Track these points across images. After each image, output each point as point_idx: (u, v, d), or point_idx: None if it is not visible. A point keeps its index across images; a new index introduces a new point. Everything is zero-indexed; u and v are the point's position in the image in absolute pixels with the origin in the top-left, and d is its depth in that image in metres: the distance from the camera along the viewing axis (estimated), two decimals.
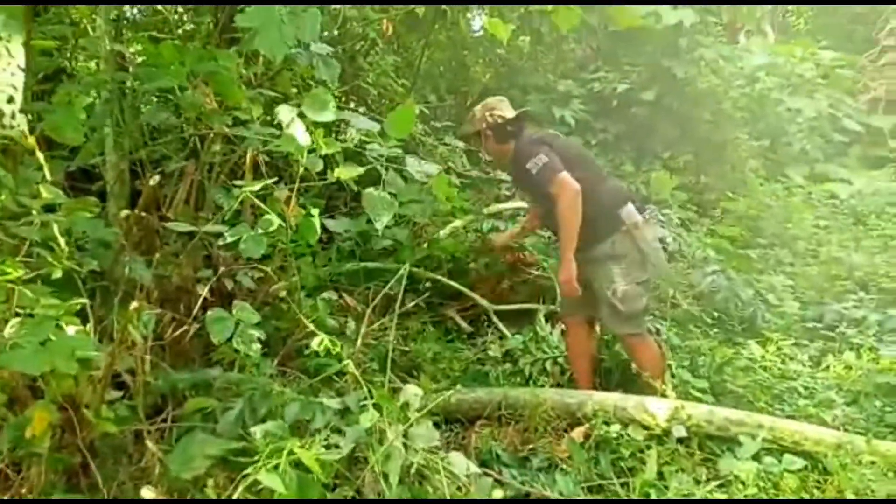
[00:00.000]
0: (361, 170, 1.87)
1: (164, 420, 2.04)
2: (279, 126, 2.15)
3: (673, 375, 3.01)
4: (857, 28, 11.60)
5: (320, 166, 1.86)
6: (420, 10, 4.01)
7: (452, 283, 4.05)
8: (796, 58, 7.28)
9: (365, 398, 2.02)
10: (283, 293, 2.89)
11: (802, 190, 7.20)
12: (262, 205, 1.90)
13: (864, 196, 6.97)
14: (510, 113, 3.05)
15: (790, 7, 8.92)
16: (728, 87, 6.07)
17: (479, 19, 6.29)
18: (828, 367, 3.35)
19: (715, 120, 5.84)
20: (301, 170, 1.82)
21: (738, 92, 6.21)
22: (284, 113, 1.77)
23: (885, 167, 7.48)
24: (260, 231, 2.00)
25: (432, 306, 3.87)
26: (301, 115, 1.74)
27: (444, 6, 4.17)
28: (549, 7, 3.13)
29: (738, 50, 6.76)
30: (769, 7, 7.71)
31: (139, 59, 2.75)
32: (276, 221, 2.11)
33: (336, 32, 4.28)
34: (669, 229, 3.84)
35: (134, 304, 1.82)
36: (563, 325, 3.32)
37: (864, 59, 8.61)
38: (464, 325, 3.86)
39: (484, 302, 4.04)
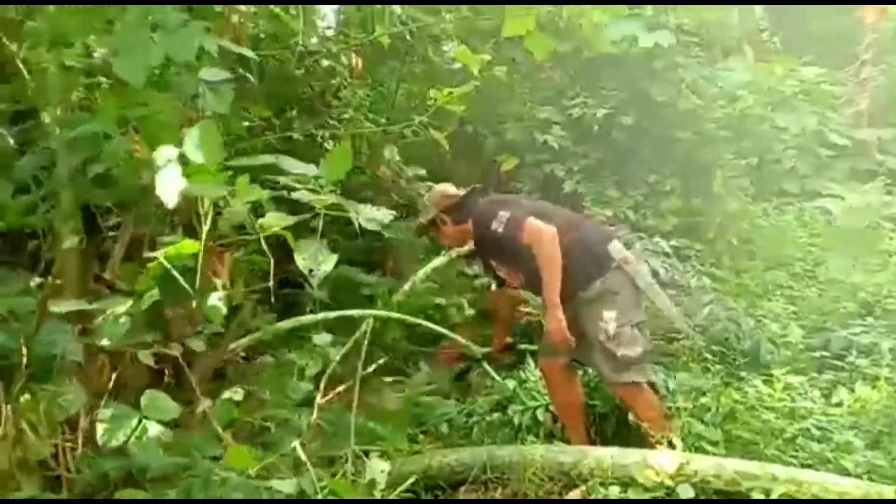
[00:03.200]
0: (292, 220, 1.62)
1: None
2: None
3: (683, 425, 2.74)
4: (830, 44, 11.64)
5: (241, 217, 1.61)
6: (385, 41, 3.82)
7: (436, 327, 3.83)
8: (777, 75, 7.18)
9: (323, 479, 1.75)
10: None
11: (794, 207, 7.04)
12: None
13: (857, 211, 6.81)
14: (457, 191, 2.93)
15: (765, 26, 8.89)
16: (709, 108, 5.92)
17: (453, 50, 6.17)
18: (840, 402, 3.09)
19: (698, 141, 5.67)
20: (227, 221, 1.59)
21: (721, 112, 6.06)
22: (162, 155, 1.52)
23: (875, 180, 7.34)
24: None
25: (410, 356, 3.63)
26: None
27: (409, 39, 3.99)
28: (523, 34, 2.96)
29: (717, 69, 6.63)
30: (748, 26, 7.64)
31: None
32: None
33: (300, 69, 4.09)
34: (660, 259, 3.62)
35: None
36: (541, 372, 2.98)
37: (845, 73, 8.54)
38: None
39: (471, 345, 3.80)
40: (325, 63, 4.50)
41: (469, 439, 2.89)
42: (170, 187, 1.46)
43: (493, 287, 3.15)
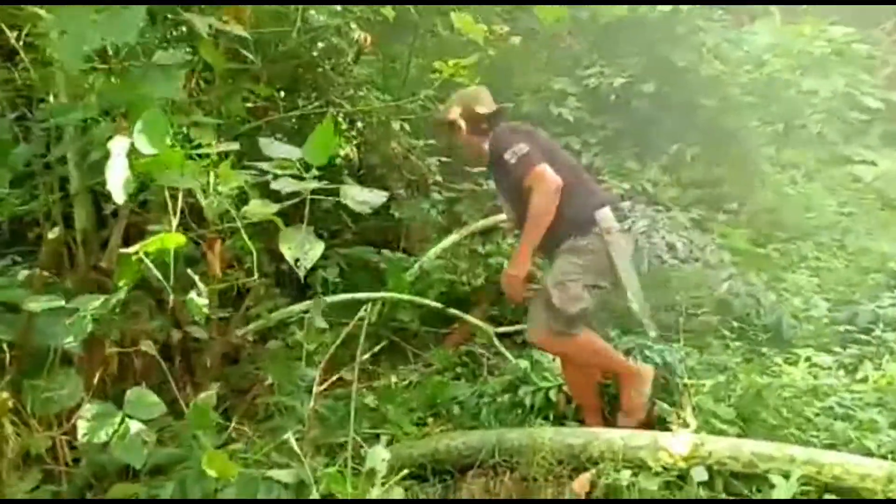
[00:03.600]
0: (276, 207, 1.56)
1: None
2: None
3: (694, 406, 2.67)
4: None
5: (223, 206, 1.56)
6: (387, 11, 3.70)
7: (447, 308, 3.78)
8: (805, 36, 6.85)
9: (325, 466, 1.72)
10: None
11: (822, 175, 6.78)
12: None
13: (890, 178, 6.53)
14: (490, 107, 2.79)
15: None
16: (734, 73, 5.69)
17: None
18: (866, 378, 2.97)
19: (722, 108, 5.45)
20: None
21: (746, 77, 5.82)
22: (116, 145, 1.47)
23: None
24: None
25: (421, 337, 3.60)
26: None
27: (414, 12, 3.86)
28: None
29: (743, 33, 6.37)
30: None
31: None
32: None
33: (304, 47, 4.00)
34: (678, 233, 3.49)
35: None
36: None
37: (879, 31, 8.13)
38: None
39: (484, 325, 3.76)
40: (333, 40, 4.40)
41: (479, 421, 2.84)
42: (116, 180, 1.40)
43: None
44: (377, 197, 1.83)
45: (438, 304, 3.75)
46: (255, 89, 3.27)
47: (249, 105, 3.56)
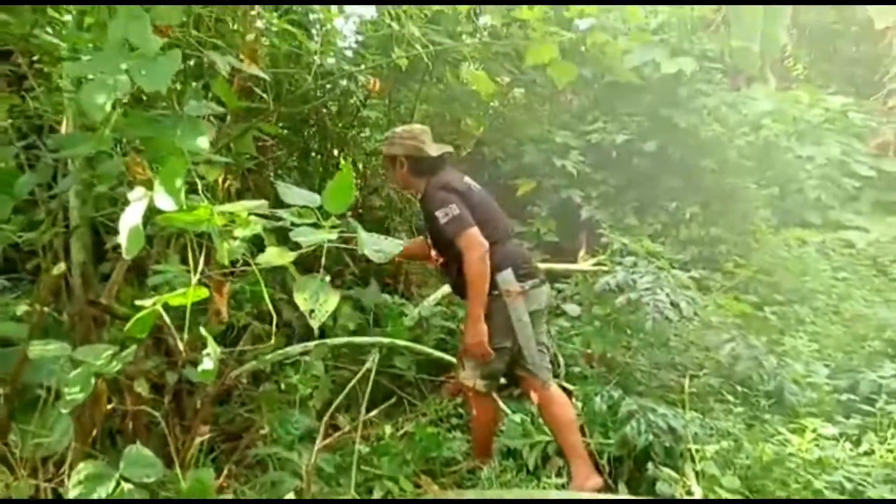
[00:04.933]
0: (292, 256, 1.52)
1: None
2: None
3: (696, 471, 2.60)
4: (855, 72, 11.47)
5: (238, 253, 1.51)
6: (403, 63, 3.75)
7: (444, 355, 3.70)
8: (803, 104, 7.04)
9: None
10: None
11: (816, 239, 6.85)
12: None
13: (882, 244, 6.61)
14: (433, 150, 2.86)
15: (789, 52, 8.77)
16: (732, 135, 5.80)
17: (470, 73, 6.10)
18: (871, 451, 2.92)
19: (721, 169, 5.55)
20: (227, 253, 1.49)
21: (744, 140, 5.93)
22: (135, 195, 1.43)
23: None
24: None
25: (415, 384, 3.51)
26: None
27: (427, 62, 3.92)
28: (547, 61, 2.89)
29: (740, 97, 6.53)
30: (770, 53, 7.51)
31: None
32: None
33: (316, 90, 4.02)
34: (682, 292, 3.47)
35: None
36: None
37: (872, 102, 8.37)
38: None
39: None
40: (343, 83, 4.44)
41: (476, 478, 2.75)
42: (130, 234, 1.36)
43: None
44: (393, 246, 1.79)
45: (437, 352, 3.67)
46: (264, 129, 3.26)
47: (258, 144, 3.56)
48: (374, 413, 3.24)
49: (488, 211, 2.81)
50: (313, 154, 4.84)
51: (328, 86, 4.34)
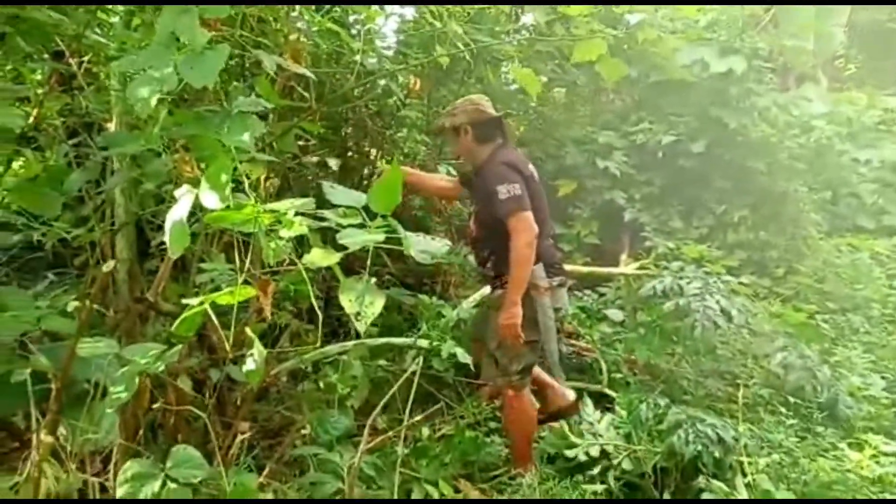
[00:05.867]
0: (339, 256, 1.49)
1: None
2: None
3: (748, 484, 2.49)
4: None
5: (283, 252, 1.49)
6: (445, 62, 3.71)
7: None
8: (859, 105, 6.76)
9: None
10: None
11: (869, 245, 6.57)
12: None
13: None
14: (493, 113, 2.93)
15: (841, 51, 8.46)
16: (783, 137, 5.60)
17: (511, 72, 6.04)
18: None
19: (770, 171, 5.36)
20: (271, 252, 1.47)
21: (795, 141, 5.72)
22: (182, 194, 1.41)
23: None
24: None
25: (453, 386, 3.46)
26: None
27: (469, 60, 3.87)
28: (595, 58, 2.82)
29: (792, 97, 6.30)
30: (825, 52, 7.25)
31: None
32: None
33: (357, 89, 4.01)
34: (731, 299, 3.35)
35: None
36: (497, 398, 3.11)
37: None
38: None
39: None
40: (382, 83, 4.43)
41: (517, 484, 2.69)
42: (176, 234, 1.34)
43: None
44: (439, 246, 1.75)
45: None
46: (306, 128, 3.26)
47: (300, 143, 3.56)
48: (415, 416, 3.21)
49: (540, 203, 2.80)
50: (350, 154, 4.84)
51: (369, 85, 4.33)
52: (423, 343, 3.47)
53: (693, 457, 2.65)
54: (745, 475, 2.61)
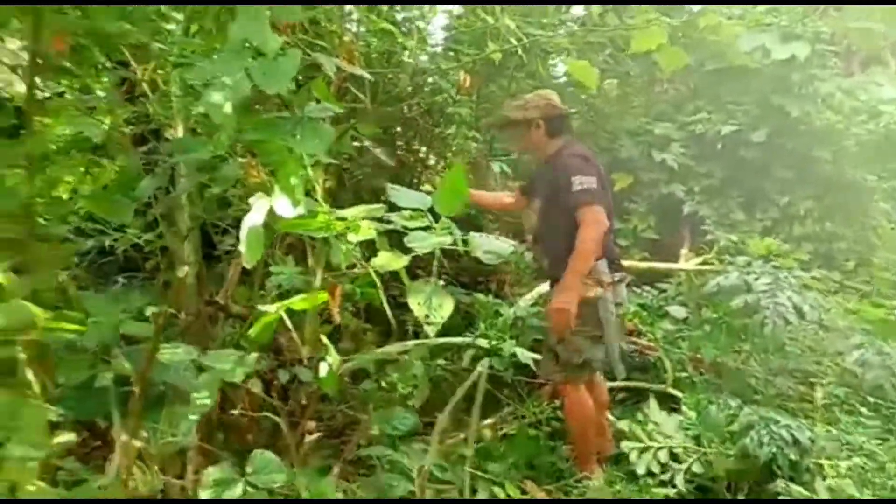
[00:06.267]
0: (406, 260, 1.47)
1: None
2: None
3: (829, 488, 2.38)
4: None
5: (353, 257, 1.48)
6: (497, 57, 3.67)
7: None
8: None
9: None
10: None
11: None
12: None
13: None
14: (564, 108, 2.98)
15: None
16: (849, 123, 5.35)
17: (561, 65, 5.94)
18: None
19: (836, 160, 5.12)
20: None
21: (862, 128, 5.46)
22: (256, 204, 1.41)
23: None
24: None
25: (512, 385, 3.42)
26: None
27: (521, 54, 3.82)
28: (654, 47, 2.74)
29: (858, 82, 6.00)
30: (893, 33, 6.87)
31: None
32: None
33: (406, 85, 4.01)
34: (803, 294, 3.21)
35: None
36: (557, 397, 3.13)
37: None
38: None
39: None
40: (432, 80, 4.42)
41: (584, 487, 2.64)
42: (251, 242, 1.34)
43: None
44: (504, 247, 1.72)
45: (533, 354, 3.57)
46: (362, 129, 3.27)
47: (356, 144, 3.58)
48: (474, 416, 3.18)
49: (606, 199, 2.78)
50: (401, 153, 4.84)
51: (421, 84, 4.32)
52: (482, 343, 3.45)
53: (768, 459, 2.56)
54: (824, 479, 2.50)
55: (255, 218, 1.39)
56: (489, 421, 3.24)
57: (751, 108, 4.98)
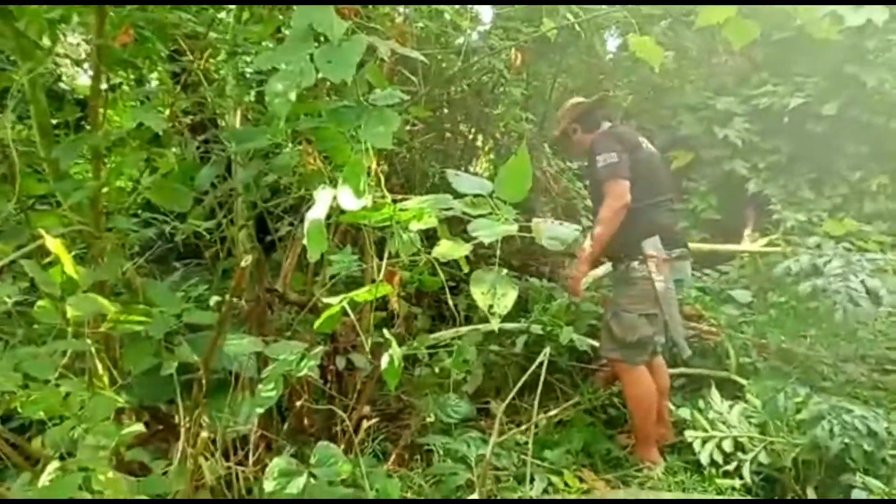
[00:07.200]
0: (468, 248, 1.43)
1: None
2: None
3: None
4: None
5: (414, 246, 1.45)
6: (552, 35, 3.56)
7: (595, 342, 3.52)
8: None
9: None
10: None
11: None
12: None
13: None
14: (589, 100, 3.03)
15: None
16: None
17: (612, 40, 5.75)
18: None
19: None
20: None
21: None
22: (321, 196, 1.37)
23: None
24: None
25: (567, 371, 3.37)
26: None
27: (578, 30, 3.69)
28: (722, 20, 2.58)
29: None
30: None
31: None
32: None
33: (458, 65, 3.94)
34: (882, 279, 3.02)
35: None
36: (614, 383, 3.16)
37: None
38: None
39: None
40: (483, 59, 4.33)
41: (643, 476, 2.58)
42: (315, 235, 1.32)
43: None
44: (569, 232, 1.66)
45: (587, 339, 3.50)
46: (414, 112, 3.23)
47: (408, 127, 3.55)
48: (524, 400, 3.15)
49: (651, 173, 2.78)
50: (449, 135, 4.79)
51: (473, 64, 4.25)
52: (536, 328, 3.41)
53: (840, 450, 2.44)
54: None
55: (318, 211, 1.37)
56: (555, 413, 3.20)
57: (820, 79, 4.71)
